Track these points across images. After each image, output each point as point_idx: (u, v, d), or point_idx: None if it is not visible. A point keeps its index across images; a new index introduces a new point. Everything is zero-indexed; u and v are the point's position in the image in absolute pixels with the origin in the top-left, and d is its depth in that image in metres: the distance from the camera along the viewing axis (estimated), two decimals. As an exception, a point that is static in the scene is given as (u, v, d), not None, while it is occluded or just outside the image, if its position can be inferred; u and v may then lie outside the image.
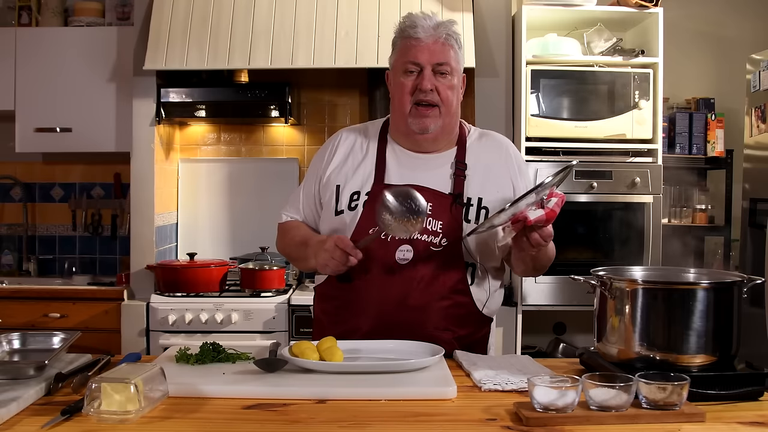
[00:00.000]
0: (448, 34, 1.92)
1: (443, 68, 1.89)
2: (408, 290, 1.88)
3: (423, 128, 1.92)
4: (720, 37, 4.02)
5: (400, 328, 1.86)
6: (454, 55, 1.92)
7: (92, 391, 1.36)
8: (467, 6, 3.49)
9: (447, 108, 1.92)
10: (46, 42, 3.76)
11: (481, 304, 1.98)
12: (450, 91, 1.92)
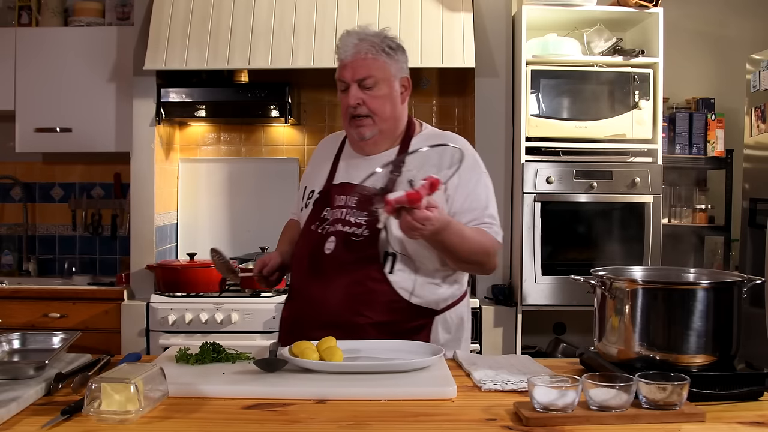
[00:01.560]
0: (372, 45, 2.03)
1: (367, 82, 2.02)
2: (330, 277, 2.00)
3: (360, 136, 2.07)
4: (720, 37, 4.01)
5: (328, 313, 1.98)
6: (381, 65, 2.03)
7: (92, 391, 1.36)
8: (467, 6, 3.49)
9: (380, 116, 2.05)
10: (46, 42, 3.76)
11: (405, 293, 1.98)
12: (378, 100, 2.04)
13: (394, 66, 2.06)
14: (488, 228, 1.99)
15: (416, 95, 4.08)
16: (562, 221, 3.39)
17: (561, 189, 3.33)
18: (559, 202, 3.35)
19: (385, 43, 2.05)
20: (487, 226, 1.99)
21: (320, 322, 1.96)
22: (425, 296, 2.01)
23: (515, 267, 3.43)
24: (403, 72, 2.10)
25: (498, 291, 3.43)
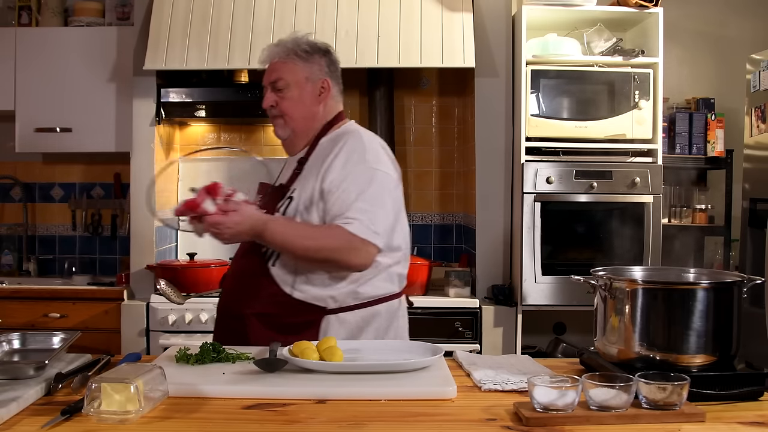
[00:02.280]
0: (285, 50, 2.14)
1: (278, 84, 2.13)
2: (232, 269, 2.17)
3: (278, 136, 2.21)
4: (720, 37, 4.01)
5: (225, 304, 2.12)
6: (292, 68, 2.13)
7: (92, 391, 1.36)
8: (467, 6, 3.49)
9: (290, 117, 2.14)
10: (46, 42, 3.76)
11: (287, 287, 2.01)
12: (287, 102, 2.13)
13: (307, 69, 2.14)
14: (347, 224, 1.91)
15: (416, 95, 4.09)
16: (562, 221, 3.39)
17: (561, 189, 3.33)
18: (559, 202, 3.35)
19: (299, 47, 2.14)
20: (347, 221, 1.91)
21: (224, 312, 2.11)
22: (308, 291, 1.99)
23: (515, 267, 3.43)
24: (320, 74, 2.16)
25: (498, 291, 3.44)
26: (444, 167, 4.09)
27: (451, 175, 4.09)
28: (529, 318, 3.43)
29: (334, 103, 2.22)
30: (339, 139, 2.10)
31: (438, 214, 4.10)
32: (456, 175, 4.09)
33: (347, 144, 2.06)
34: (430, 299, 3.42)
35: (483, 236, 3.52)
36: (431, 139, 4.09)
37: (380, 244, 1.94)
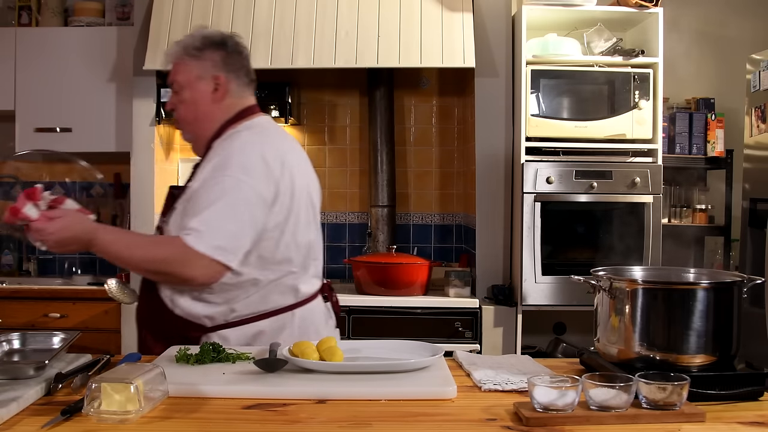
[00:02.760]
0: (180, 48, 2.04)
1: (174, 87, 2.04)
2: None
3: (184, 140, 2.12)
4: (720, 37, 4.01)
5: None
6: (184, 68, 2.02)
7: (92, 391, 1.36)
8: (467, 6, 3.49)
9: (183, 120, 2.05)
10: (46, 42, 3.76)
11: (168, 301, 1.95)
12: (182, 106, 2.03)
13: (199, 67, 2.01)
14: (186, 235, 1.80)
15: (416, 95, 4.09)
16: (562, 221, 3.39)
17: (561, 189, 3.33)
18: (559, 202, 3.35)
19: (192, 44, 2.02)
20: (187, 232, 1.81)
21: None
22: (186, 308, 1.93)
23: (515, 267, 3.43)
24: (213, 70, 2.01)
25: (498, 291, 3.44)
26: (444, 167, 4.09)
27: (451, 175, 4.09)
28: (529, 318, 3.43)
29: (234, 100, 2.04)
30: (228, 140, 1.99)
31: (438, 214, 4.10)
32: (456, 175, 4.09)
33: (222, 148, 1.95)
34: (430, 299, 3.43)
35: (483, 236, 3.52)
36: (431, 139, 4.09)
37: (223, 259, 1.81)
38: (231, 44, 2.05)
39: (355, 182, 4.10)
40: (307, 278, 2.03)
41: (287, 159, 1.96)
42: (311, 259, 2.04)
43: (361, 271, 3.49)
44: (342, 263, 4.00)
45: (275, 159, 1.92)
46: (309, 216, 2.03)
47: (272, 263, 1.94)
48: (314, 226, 2.06)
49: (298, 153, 2.07)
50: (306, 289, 2.03)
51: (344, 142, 4.10)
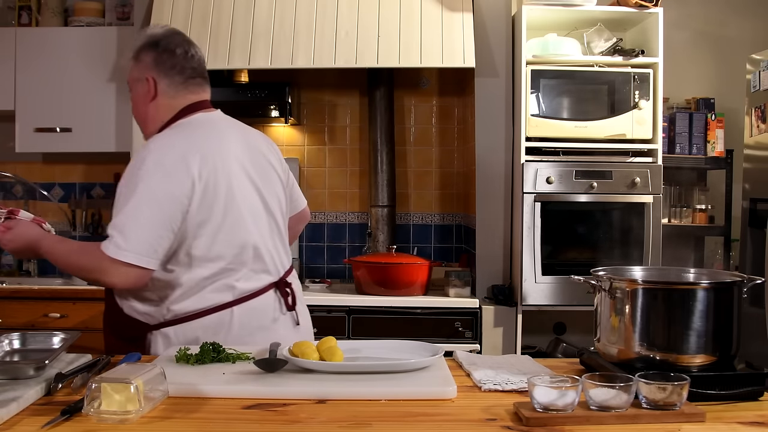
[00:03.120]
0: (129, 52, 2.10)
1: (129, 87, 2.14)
2: None
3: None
4: (720, 37, 4.01)
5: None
6: (130, 70, 2.09)
7: (92, 391, 1.36)
8: (467, 6, 3.49)
9: (135, 121, 2.15)
10: (46, 42, 3.76)
11: (119, 300, 1.99)
12: (132, 104, 2.12)
13: (136, 69, 2.05)
14: (104, 243, 1.81)
15: (416, 95, 4.09)
16: (562, 221, 3.39)
17: (561, 189, 3.33)
18: (559, 202, 3.35)
19: (133, 46, 2.07)
20: (106, 238, 1.82)
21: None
22: (129, 307, 1.96)
23: (515, 267, 3.43)
24: (146, 71, 2.02)
25: (498, 291, 3.44)
26: (444, 167, 4.10)
27: (451, 175, 4.09)
28: (529, 318, 3.43)
29: (168, 100, 2.03)
30: (150, 140, 2.01)
31: (438, 214, 4.10)
32: (456, 175, 4.09)
33: (143, 147, 1.95)
34: (430, 299, 3.43)
35: (483, 236, 3.52)
36: (431, 139, 4.09)
37: (137, 263, 1.80)
38: (163, 44, 2.02)
39: (355, 182, 4.10)
40: (246, 275, 1.98)
41: (213, 157, 1.93)
42: (252, 256, 1.99)
43: (361, 271, 3.49)
44: (342, 263, 4.00)
45: (195, 157, 1.89)
46: (251, 213, 1.99)
47: (203, 261, 1.92)
48: (260, 223, 2.02)
49: (236, 151, 2.00)
50: (245, 286, 1.98)
51: (344, 142, 4.10)
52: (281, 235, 2.11)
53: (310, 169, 4.10)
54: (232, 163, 1.97)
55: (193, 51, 2.06)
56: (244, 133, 2.10)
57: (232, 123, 2.10)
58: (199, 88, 2.06)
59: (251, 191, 2.00)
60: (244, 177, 1.99)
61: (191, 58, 2.04)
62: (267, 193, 2.05)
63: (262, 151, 2.09)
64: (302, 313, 2.15)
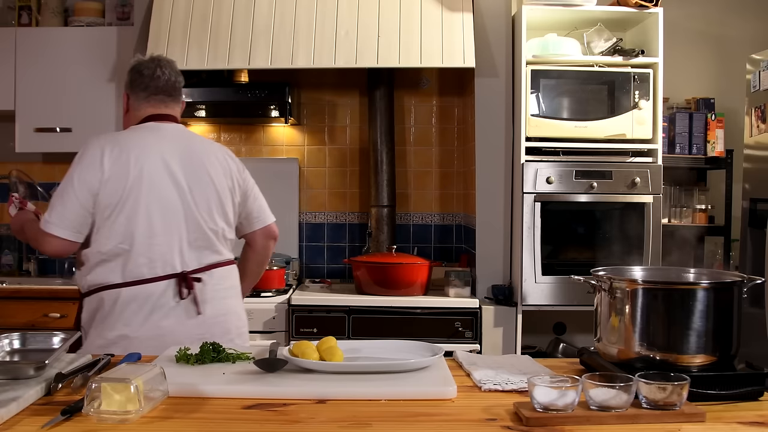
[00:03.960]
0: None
1: None
2: None
3: None
4: (720, 37, 4.01)
5: None
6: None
7: (92, 391, 1.36)
8: (467, 6, 3.49)
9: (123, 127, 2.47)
10: (46, 42, 3.76)
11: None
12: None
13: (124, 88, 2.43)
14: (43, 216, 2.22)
15: (416, 95, 4.09)
16: (562, 221, 3.39)
17: (561, 189, 3.33)
18: (559, 202, 3.35)
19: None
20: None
21: None
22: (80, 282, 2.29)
23: (515, 267, 3.43)
24: (125, 89, 2.42)
25: (498, 291, 3.44)
26: (444, 167, 4.10)
27: (451, 175, 4.10)
28: (529, 318, 3.43)
29: (135, 112, 2.38)
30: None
31: (438, 214, 4.10)
32: (456, 175, 4.09)
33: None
34: (430, 299, 3.43)
35: (483, 236, 3.52)
36: (431, 139, 4.09)
37: (58, 233, 2.16)
38: (137, 67, 2.38)
39: (355, 182, 4.10)
40: (139, 261, 2.19)
41: (132, 152, 2.21)
42: (148, 245, 2.19)
43: (361, 271, 3.49)
44: (342, 263, 4.00)
45: (113, 151, 2.20)
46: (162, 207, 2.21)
47: (103, 241, 2.18)
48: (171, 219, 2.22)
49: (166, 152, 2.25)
50: (137, 271, 2.19)
51: (344, 142, 4.10)
52: (203, 233, 2.28)
53: (310, 169, 4.10)
54: (154, 160, 2.22)
55: (161, 72, 2.36)
56: (190, 142, 2.35)
57: (180, 132, 2.36)
58: (160, 104, 2.37)
59: (170, 189, 2.23)
60: (165, 175, 2.23)
61: (157, 79, 2.35)
62: (192, 195, 2.26)
63: (202, 160, 2.31)
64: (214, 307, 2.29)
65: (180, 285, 2.21)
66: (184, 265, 2.23)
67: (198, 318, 2.23)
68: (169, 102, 2.38)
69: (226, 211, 2.34)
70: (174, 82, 2.39)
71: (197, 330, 2.20)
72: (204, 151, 2.34)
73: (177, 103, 2.42)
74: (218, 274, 2.31)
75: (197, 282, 2.24)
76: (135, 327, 2.17)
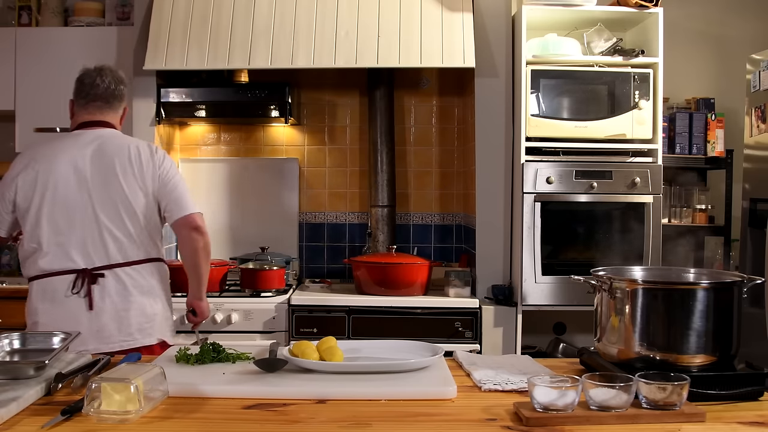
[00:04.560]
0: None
1: None
2: None
3: None
4: (720, 37, 4.01)
5: None
6: None
7: (92, 391, 1.36)
8: (467, 6, 3.49)
9: None
10: (46, 42, 3.76)
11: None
12: None
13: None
14: None
15: (416, 95, 4.09)
16: (562, 221, 3.39)
17: (561, 189, 3.33)
18: (559, 202, 3.35)
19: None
20: None
21: None
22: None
23: (515, 267, 3.43)
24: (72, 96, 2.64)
25: (498, 291, 3.44)
26: (444, 167, 4.10)
27: (451, 175, 4.10)
28: (529, 318, 3.43)
29: (76, 118, 2.56)
30: None
31: (438, 214, 4.10)
32: (456, 175, 4.09)
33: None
34: (430, 299, 3.43)
35: (483, 236, 3.52)
36: (431, 139, 4.09)
37: None
38: (79, 77, 2.55)
39: (355, 182, 4.10)
40: (49, 258, 2.41)
41: (44, 161, 2.42)
42: (55, 243, 2.40)
43: (361, 271, 3.49)
44: (342, 263, 4.00)
45: (26, 161, 2.45)
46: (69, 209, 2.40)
47: (26, 240, 2.43)
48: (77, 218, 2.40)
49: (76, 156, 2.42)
50: (46, 266, 2.41)
51: (344, 142, 4.10)
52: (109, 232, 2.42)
53: (310, 169, 4.10)
54: (63, 167, 2.41)
55: (101, 81, 2.53)
56: (106, 144, 2.47)
57: (99, 136, 2.49)
58: (96, 110, 2.53)
59: (75, 192, 2.40)
60: (73, 180, 2.40)
61: (96, 87, 2.52)
62: (99, 196, 2.41)
63: (113, 161, 2.44)
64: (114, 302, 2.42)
65: (78, 280, 2.37)
66: (88, 262, 2.39)
67: (92, 312, 2.38)
68: (105, 109, 2.54)
69: (135, 210, 2.45)
70: (113, 90, 2.55)
71: (93, 323, 2.37)
72: (116, 152, 2.45)
73: (113, 109, 2.57)
74: (127, 271, 2.43)
75: (101, 278, 2.38)
76: (42, 316, 2.41)
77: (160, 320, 2.49)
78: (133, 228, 2.44)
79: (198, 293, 2.57)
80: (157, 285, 2.51)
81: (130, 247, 2.44)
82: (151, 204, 2.49)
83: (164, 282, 2.56)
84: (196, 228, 2.52)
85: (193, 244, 2.53)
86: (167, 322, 2.53)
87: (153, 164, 2.48)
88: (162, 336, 2.48)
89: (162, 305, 2.51)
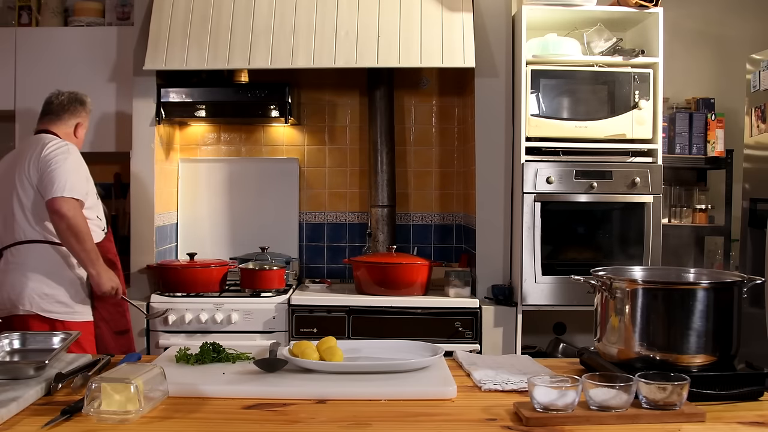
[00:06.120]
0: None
1: None
2: None
3: None
4: (720, 37, 4.02)
5: None
6: None
7: (92, 391, 1.36)
8: (467, 6, 3.49)
9: None
10: (46, 42, 3.76)
11: None
12: None
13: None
14: None
15: (416, 95, 4.09)
16: (562, 221, 3.39)
17: (561, 189, 3.33)
18: (559, 202, 3.35)
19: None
20: None
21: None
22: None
23: (515, 267, 3.43)
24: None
25: (498, 291, 3.44)
26: (444, 167, 4.10)
27: (451, 175, 4.10)
28: (529, 318, 3.43)
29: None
30: None
31: (438, 214, 4.10)
32: (456, 175, 4.09)
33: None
34: (430, 299, 3.43)
35: (483, 236, 3.52)
36: (431, 139, 4.09)
37: None
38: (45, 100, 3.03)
39: (355, 182, 4.10)
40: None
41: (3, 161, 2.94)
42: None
43: (361, 271, 3.49)
44: (342, 263, 4.00)
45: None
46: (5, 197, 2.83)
47: None
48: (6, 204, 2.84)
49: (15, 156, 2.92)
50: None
51: (344, 142, 4.10)
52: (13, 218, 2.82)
53: (310, 169, 4.11)
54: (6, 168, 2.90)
55: (56, 99, 3.02)
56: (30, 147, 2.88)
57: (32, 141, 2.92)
58: (48, 121, 3.00)
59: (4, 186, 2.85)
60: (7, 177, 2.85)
61: (50, 103, 3.02)
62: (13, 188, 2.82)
63: (24, 159, 2.84)
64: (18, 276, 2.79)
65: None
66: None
67: None
68: (55, 120, 3.00)
69: (21, 199, 2.81)
70: (65, 105, 3.01)
71: None
72: (28, 152, 2.84)
73: (62, 121, 3.00)
74: (17, 251, 2.81)
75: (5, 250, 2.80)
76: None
77: (25, 297, 2.77)
78: (21, 215, 2.80)
79: (86, 269, 2.80)
80: (34, 264, 2.79)
81: (18, 230, 2.81)
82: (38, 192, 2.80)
83: (42, 261, 2.81)
84: (55, 211, 2.72)
85: (57, 227, 2.75)
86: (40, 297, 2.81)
87: (45, 155, 2.80)
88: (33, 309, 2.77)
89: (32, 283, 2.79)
